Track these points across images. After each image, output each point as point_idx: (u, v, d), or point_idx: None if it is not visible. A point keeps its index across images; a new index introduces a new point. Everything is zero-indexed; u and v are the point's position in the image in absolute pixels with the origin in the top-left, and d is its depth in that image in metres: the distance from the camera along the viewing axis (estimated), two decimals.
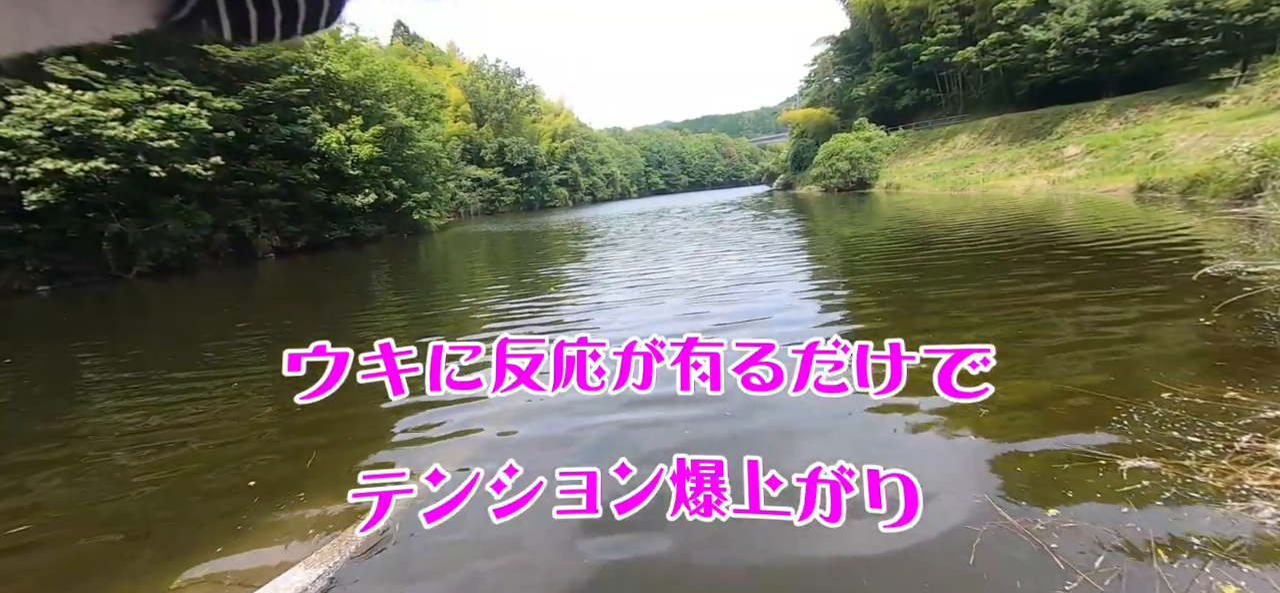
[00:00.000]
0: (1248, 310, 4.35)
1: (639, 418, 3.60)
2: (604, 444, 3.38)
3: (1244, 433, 2.66)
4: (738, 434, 3.32)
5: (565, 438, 3.54)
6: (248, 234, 22.15)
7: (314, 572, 2.37)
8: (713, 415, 3.52)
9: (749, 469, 2.16)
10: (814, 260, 9.95)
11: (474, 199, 58.14)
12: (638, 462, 2.61)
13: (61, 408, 5.31)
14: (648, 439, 3.37)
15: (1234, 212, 9.57)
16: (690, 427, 3.44)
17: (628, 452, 3.26)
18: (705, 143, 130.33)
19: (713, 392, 2.50)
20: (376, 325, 8.05)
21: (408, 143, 29.79)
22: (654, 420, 3.56)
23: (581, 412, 3.80)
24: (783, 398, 2.41)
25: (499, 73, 69.34)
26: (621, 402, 3.62)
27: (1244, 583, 1.84)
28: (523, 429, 3.69)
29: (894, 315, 5.73)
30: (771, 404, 3.78)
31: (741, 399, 3.03)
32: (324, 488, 3.15)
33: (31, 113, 15.63)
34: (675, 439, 3.30)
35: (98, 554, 2.76)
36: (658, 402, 3.53)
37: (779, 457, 3.07)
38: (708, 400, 3.24)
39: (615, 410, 3.72)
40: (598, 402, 3.58)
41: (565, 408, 3.96)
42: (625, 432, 3.50)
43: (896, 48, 38.29)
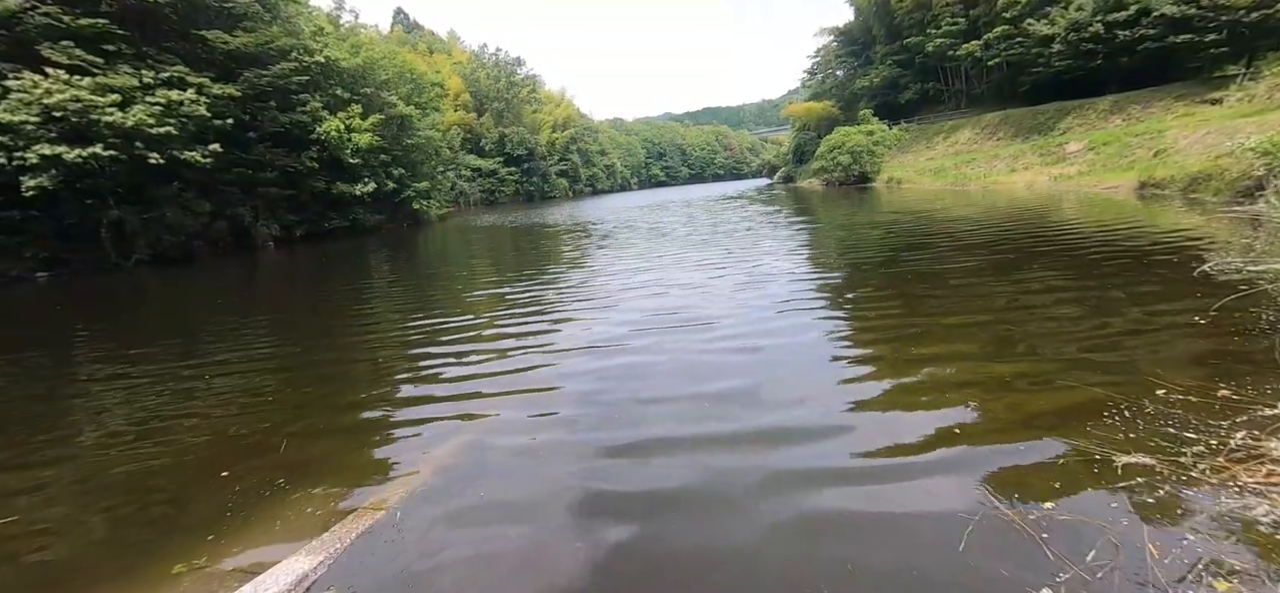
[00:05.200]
0: (1246, 309, 4.36)
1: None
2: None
3: (1239, 431, 2.68)
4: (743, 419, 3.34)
5: (566, 420, 3.55)
6: (247, 223, 22.09)
7: (315, 559, 2.39)
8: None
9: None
10: (817, 251, 9.95)
11: (474, 189, 57.96)
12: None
13: (58, 394, 5.32)
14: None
15: (1235, 210, 9.55)
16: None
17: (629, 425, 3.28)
18: (706, 135, 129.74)
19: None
20: (376, 316, 8.06)
21: (407, 132, 29.64)
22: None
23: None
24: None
25: (500, 62, 68.87)
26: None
27: (1237, 580, 1.85)
28: (522, 415, 3.70)
29: (891, 312, 5.73)
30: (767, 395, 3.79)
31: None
32: (326, 476, 3.17)
33: (29, 97, 15.52)
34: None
35: (97, 541, 2.78)
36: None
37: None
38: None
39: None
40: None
41: (562, 393, 3.98)
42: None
43: (900, 41, 38.02)
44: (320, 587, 2.26)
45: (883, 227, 13.14)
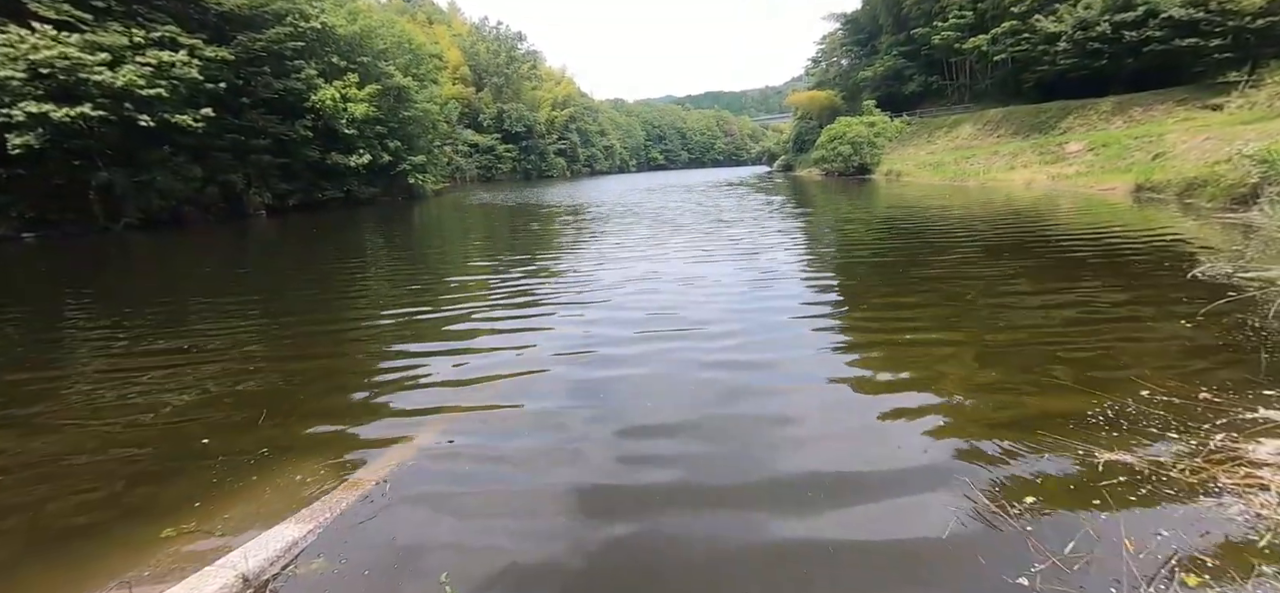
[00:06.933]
0: (1232, 315, 4.42)
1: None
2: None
3: (1218, 433, 2.73)
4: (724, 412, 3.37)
5: (558, 397, 3.57)
6: (239, 190, 21.79)
7: (304, 527, 2.41)
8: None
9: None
10: (816, 244, 9.97)
11: (470, 165, 57.34)
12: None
13: (43, 357, 5.28)
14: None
15: (1228, 216, 9.62)
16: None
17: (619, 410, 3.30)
18: (707, 119, 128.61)
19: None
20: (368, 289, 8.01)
21: (404, 103, 29.18)
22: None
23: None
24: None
25: (500, 36, 67.69)
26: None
27: (1207, 576, 1.91)
28: (514, 392, 3.71)
29: (880, 307, 5.77)
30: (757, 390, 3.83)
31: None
32: (313, 447, 3.17)
33: (15, 52, 15.11)
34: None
35: (84, 506, 2.77)
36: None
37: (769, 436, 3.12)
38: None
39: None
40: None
41: (552, 374, 3.99)
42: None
43: (906, 32, 37.62)
44: (310, 554, 2.27)
45: (880, 222, 13.16)
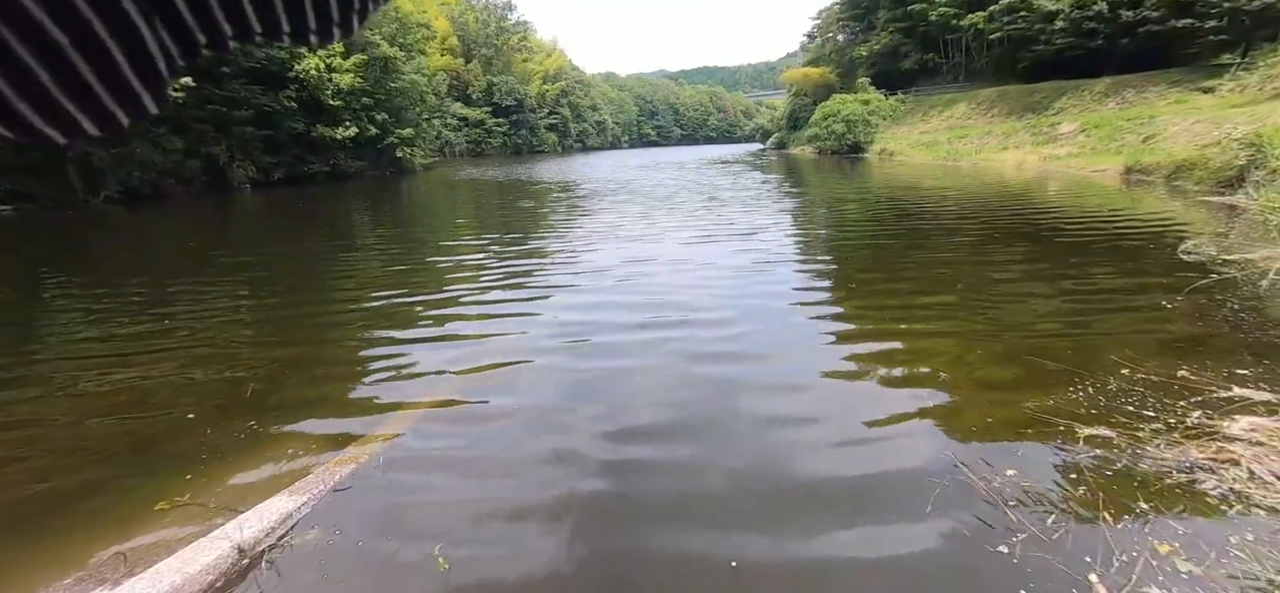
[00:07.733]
0: (1212, 296, 4.52)
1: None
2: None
3: (1195, 410, 2.82)
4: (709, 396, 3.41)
5: (551, 372, 3.58)
6: (222, 163, 21.25)
7: (298, 500, 2.42)
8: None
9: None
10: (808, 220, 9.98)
11: (460, 139, 56.31)
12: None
13: (25, 328, 5.18)
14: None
15: (1214, 199, 9.75)
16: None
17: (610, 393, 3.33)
18: (701, 95, 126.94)
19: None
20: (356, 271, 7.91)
21: (391, 75, 28.43)
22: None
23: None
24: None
25: (489, 5, 65.86)
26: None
27: (1179, 544, 1.99)
28: (508, 370, 3.72)
29: (871, 286, 5.82)
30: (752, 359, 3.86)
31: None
32: (312, 418, 3.17)
33: None
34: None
35: (76, 479, 2.76)
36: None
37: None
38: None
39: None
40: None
41: (546, 349, 4.00)
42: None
43: (903, 7, 37.07)
44: (304, 525, 2.29)
45: (872, 203, 13.19)
